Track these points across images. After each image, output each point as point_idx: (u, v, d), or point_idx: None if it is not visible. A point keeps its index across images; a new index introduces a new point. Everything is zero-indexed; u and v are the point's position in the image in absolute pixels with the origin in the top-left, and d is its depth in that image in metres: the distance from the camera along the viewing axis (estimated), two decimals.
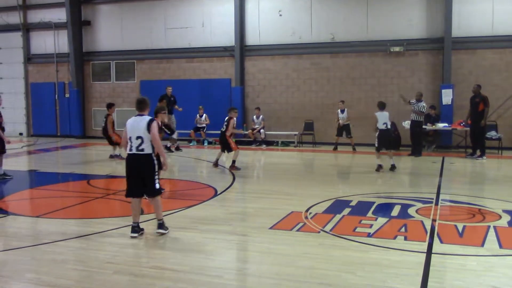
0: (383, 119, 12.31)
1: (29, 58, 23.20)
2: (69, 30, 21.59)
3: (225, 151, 12.88)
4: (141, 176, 6.63)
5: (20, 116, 23.20)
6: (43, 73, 23.01)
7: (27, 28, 23.00)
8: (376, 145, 12.46)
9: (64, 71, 22.51)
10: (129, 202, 9.05)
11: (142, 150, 6.51)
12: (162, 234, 6.70)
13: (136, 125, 6.59)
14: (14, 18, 22.80)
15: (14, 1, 22.58)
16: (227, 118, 12.62)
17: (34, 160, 15.82)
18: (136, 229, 6.70)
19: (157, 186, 6.72)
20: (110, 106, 15.09)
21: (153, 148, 6.59)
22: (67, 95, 22.16)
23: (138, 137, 6.51)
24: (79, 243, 6.46)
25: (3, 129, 11.41)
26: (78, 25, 21.84)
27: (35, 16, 22.76)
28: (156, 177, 6.70)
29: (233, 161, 12.67)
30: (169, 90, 17.50)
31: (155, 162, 6.65)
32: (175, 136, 16.76)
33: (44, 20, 22.36)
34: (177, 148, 17.06)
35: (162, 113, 9.05)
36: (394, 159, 12.67)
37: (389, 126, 12.45)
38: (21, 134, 23.21)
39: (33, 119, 23.27)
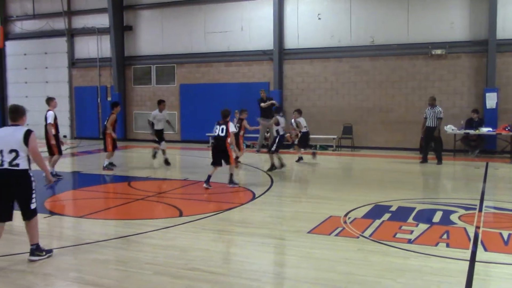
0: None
1: (73, 63, 23.90)
2: (111, 35, 22.11)
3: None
4: (13, 196, 5.73)
5: (65, 119, 23.86)
6: (86, 77, 23.65)
7: (71, 34, 23.70)
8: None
9: (106, 75, 23.06)
10: (167, 203, 9.23)
11: (17, 165, 5.64)
12: (36, 260, 5.78)
13: (9, 137, 5.71)
14: (59, 24, 23.54)
15: (60, 8, 23.31)
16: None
17: (78, 161, 16.25)
18: None
19: (33, 206, 5.81)
20: (115, 105, 13.65)
21: (29, 163, 5.81)
22: (109, 99, 22.66)
23: (11, 151, 5.64)
24: (120, 244, 6.58)
25: None
26: (120, 30, 22.35)
27: (79, 22, 23.43)
28: (34, 195, 5.81)
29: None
30: (263, 94, 17.50)
31: (32, 178, 5.80)
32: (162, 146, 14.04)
33: (87, 26, 23.01)
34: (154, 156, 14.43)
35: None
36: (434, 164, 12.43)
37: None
38: (65, 136, 23.85)
39: (76, 121, 23.95)
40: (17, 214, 5.86)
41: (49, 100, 12.03)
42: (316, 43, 18.98)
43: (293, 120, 14.60)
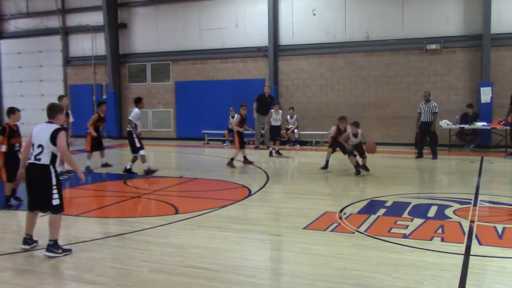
0: None
1: (68, 61, 23.84)
2: (106, 33, 22.05)
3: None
4: (36, 188, 6.04)
5: None
6: (81, 75, 23.60)
7: (66, 32, 23.63)
8: None
9: (101, 73, 23.01)
10: (163, 201, 9.25)
11: (39, 160, 5.92)
12: (51, 257, 5.86)
13: (41, 133, 6.00)
14: (54, 22, 23.46)
15: (54, 6, 23.23)
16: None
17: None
18: (28, 241, 6.20)
19: (56, 202, 5.97)
20: (99, 104, 13.77)
21: (53, 159, 5.99)
22: (104, 97, 22.60)
23: (39, 146, 5.94)
24: (116, 242, 6.58)
25: None
26: (115, 28, 22.29)
27: (74, 20, 23.35)
28: (55, 191, 5.98)
29: (231, 158, 13.35)
30: (267, 90, 17.47)
31: (53, 174, 5.98)
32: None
33: (82, 24, 22.93)
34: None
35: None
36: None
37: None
38: None
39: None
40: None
41: (60, 99, 11.84)
42: (311, 39, 18.98)
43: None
